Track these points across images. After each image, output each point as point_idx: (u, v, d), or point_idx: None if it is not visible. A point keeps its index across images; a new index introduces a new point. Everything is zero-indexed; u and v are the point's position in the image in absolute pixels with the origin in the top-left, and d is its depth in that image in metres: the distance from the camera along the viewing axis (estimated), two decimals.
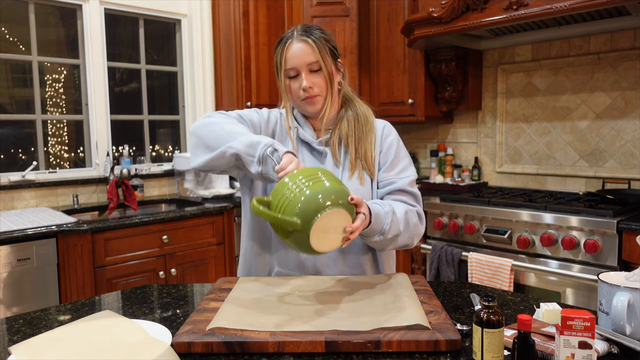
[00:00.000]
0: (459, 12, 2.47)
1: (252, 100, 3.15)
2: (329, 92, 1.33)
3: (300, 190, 0.99)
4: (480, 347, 0.83)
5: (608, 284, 0.96)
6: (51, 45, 2.92)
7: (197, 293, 1.33)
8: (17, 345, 0.91)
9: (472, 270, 2.38)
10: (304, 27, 1.32)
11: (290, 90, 1.33)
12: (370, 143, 1.37)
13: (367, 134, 1.38)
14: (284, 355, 0.90)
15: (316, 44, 1.29)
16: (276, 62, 1.35)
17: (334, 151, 1.36)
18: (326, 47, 1.32)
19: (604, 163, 2.65)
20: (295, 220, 0.97)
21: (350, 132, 1.37)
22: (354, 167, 1.35)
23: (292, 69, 1.30)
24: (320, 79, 1.31)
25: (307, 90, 1.30)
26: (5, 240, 2.08)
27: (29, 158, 2.84)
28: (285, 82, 1.33)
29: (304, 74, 1.30)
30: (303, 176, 1.02)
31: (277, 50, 1.34)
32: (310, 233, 0.98)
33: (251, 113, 1.39)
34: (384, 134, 1.41)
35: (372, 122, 1.41)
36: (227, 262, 2.83)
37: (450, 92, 3.02)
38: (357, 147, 1.36)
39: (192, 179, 3.12)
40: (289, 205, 0.98)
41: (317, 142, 1.36)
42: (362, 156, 1.36)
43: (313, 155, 1.37)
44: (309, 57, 1.29)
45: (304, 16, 3.19)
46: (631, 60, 2.53)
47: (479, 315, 0.84)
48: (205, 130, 1.26)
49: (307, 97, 1.31)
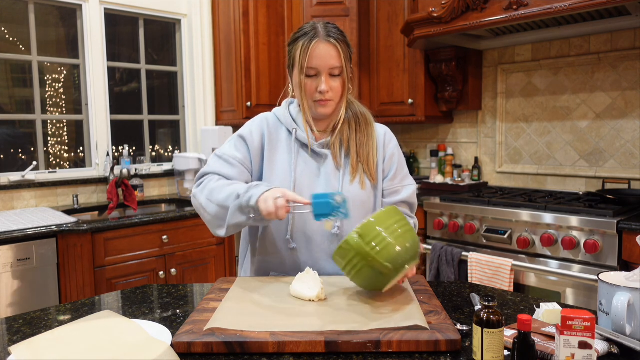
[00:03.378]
0: (459, 12, 2.47)
1: (252, 100, 3.15)
2: (341, 97, 1.34)
3: (395, 238, 1.04)
4: (481, 347, 0.83)
5: (608, 284, 0.96)
6: (51, 45, 2.92)
7: (197, 293, 1.33)
8: (17, 345, 0.91)
9: (472, 270, 2.38)
10: (327, 27, 1.30)
11: (305, 88, 1.31)
12: (372, 148, 1.37)
13: (368, 138, 1.38)
14: (284, 355, 0.90)
15: (342, 49, 1.29)
16: (292, 57, 1.32)
17: (335, 154, 1.35)
18: (347, 53, 1.33)
19: (604, 163, 2.65)
20: (387, 265, 1.02)
21: (351, 135, 1.36)
22: (355, 171, 1.34)
23: (313, 69, 1.28)
24: (337, 84, 1.31)
25: (323, 93, 1.29)
26: (5, 240, 2.08)
27: (29, 158, 2.84)
28: (301, 78, 1.30)
29: (324, 77, 1.28)
30: (394, 221, 1.07)
31: (296, 45, 1.30)
32: (394, 279, 1.05)
33: (234, 151, 1.35)
34: (385, 141, 1.41)
35: (372, 125, 1.41)
36: (227, 262, 2.83)
37: (450, 92, 3.02)
38: (358, 151, 1.36)
39: (192, 179, 3.12)
40: (384, 249, 1.02)
41: (318, 145, 1.36)
42: (363, 160, 1.35)
43: (313, 158, 1.36)
44: (334, 61, 1.28)
45: (304, 16, 3.19)
46: (631, 60, 2.53)
47: (479, 315, 0.84)
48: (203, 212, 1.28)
49: (321, 100, 1.30)
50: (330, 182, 1.33)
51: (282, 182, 1.33)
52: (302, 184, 1.32)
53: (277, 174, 1.34)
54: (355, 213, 1.30)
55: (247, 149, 1.36)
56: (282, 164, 1.35)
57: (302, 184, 1.32)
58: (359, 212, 1.32)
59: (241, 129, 1.40)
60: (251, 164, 1.36)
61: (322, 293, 1.10)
